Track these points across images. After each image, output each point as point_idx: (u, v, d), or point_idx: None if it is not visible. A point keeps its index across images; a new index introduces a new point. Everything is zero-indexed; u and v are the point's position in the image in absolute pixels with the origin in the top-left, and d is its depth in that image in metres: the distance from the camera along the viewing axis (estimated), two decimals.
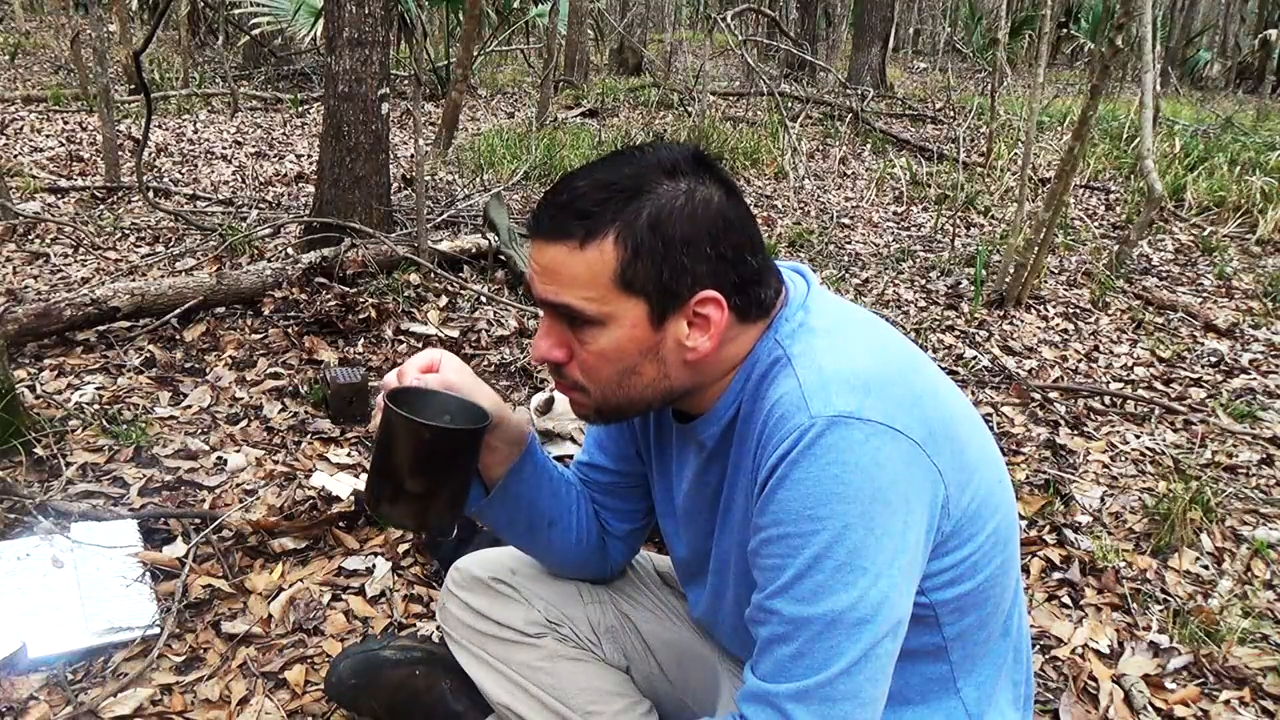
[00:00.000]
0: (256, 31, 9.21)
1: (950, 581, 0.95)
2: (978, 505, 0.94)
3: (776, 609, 0.88)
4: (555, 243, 0.92)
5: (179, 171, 5.48)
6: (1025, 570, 2.06)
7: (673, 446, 1.14)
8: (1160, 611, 1.97)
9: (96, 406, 2.47)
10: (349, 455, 2.35)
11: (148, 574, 1.79)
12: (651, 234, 0.90)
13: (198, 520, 1.98)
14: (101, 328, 2.91)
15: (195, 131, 6.74)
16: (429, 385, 1.05)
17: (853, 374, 0.89)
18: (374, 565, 1.90)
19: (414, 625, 1.77)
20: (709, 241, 0.92)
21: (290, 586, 1.82)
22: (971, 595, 0.96)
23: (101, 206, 4.59)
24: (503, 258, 3.85)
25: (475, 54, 7.46)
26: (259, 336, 3.00)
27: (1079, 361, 3.44)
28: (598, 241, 0.90)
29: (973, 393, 3.06)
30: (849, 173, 6.76)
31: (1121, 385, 3.22)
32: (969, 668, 1.01)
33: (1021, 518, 2.27)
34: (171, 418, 2.47)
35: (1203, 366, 3.45)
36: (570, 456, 2.44)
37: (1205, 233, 5.44)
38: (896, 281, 4.27)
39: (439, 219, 4.41)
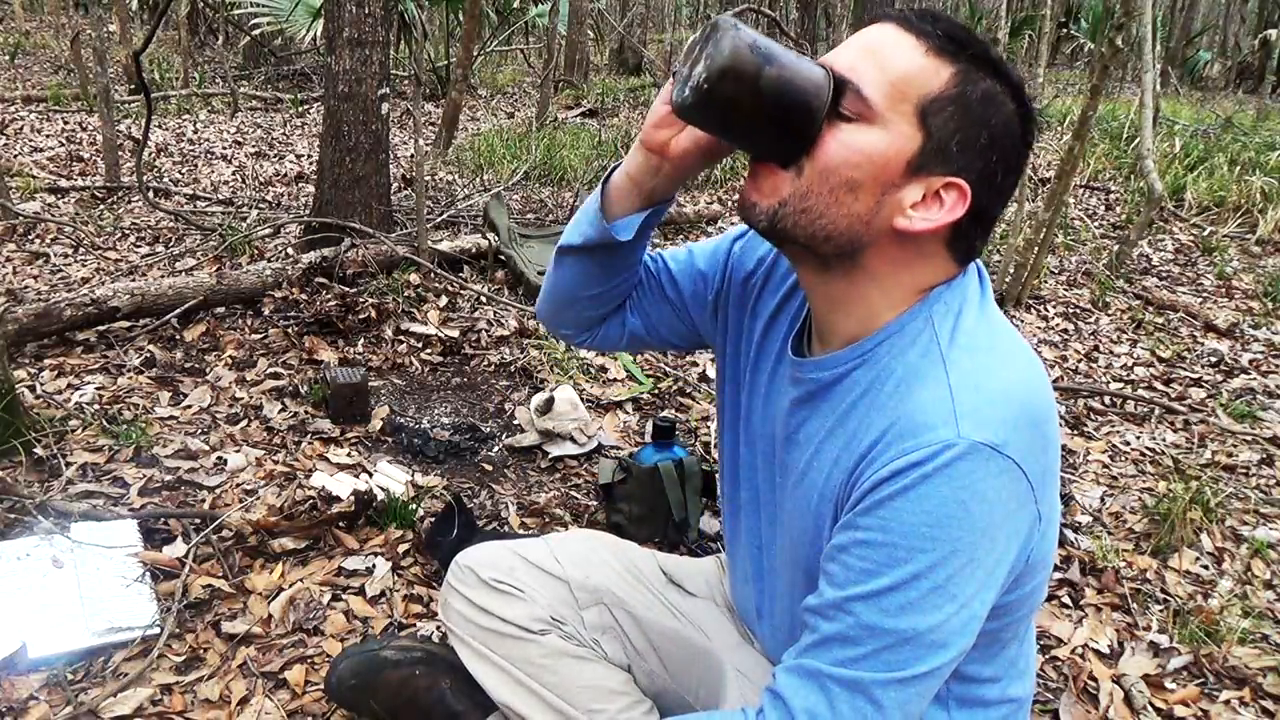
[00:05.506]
0: (256, 31, 9.21)
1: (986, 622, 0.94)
2: (1041, 555, 0.94)
3: (855, 611, 0.86)
4: (907, 32, 0.87)
5: (179, 171, 5.48)
6: None
7: (768, 367, 1.09)
8: (1160, 611, 1.97)
9: (96, 406, 2.47)
10: (349, 455, 2.35)
11: (148, 574, 1.79)
12: (980, 103, 0.87)
13: (198, 520, 1.98)
14: (101, 328, 2.91)
15: (195, 131, 6.74)
16: None
17: (1006, 406, 0.86)
18: (374, 565, 1.90)
19: (414, 625, 1.77)
20: (1000, 156, 0.89)
21: (290, 586, 1.82)
22: (989, 638, 0.97)
23: (101, 206, 4.59)
24: (502, 258, 3.85)
25: (475, 54, 7.46)
26: (259, 336, 3.00)
27: (1079, 361, 3.44)
28: (941, 61, 0.86)
29: None
30: None
31: (1121, 385, 3.22)
32: (968, 710, 1.01)
33: None
34: (171, 418, 2.47)
35: (1203, 366, 3.45)
36: (571, 457, 2.44)
37: (1205, 233, 5.44)
38: None
39: (439, 219, 4.41)
